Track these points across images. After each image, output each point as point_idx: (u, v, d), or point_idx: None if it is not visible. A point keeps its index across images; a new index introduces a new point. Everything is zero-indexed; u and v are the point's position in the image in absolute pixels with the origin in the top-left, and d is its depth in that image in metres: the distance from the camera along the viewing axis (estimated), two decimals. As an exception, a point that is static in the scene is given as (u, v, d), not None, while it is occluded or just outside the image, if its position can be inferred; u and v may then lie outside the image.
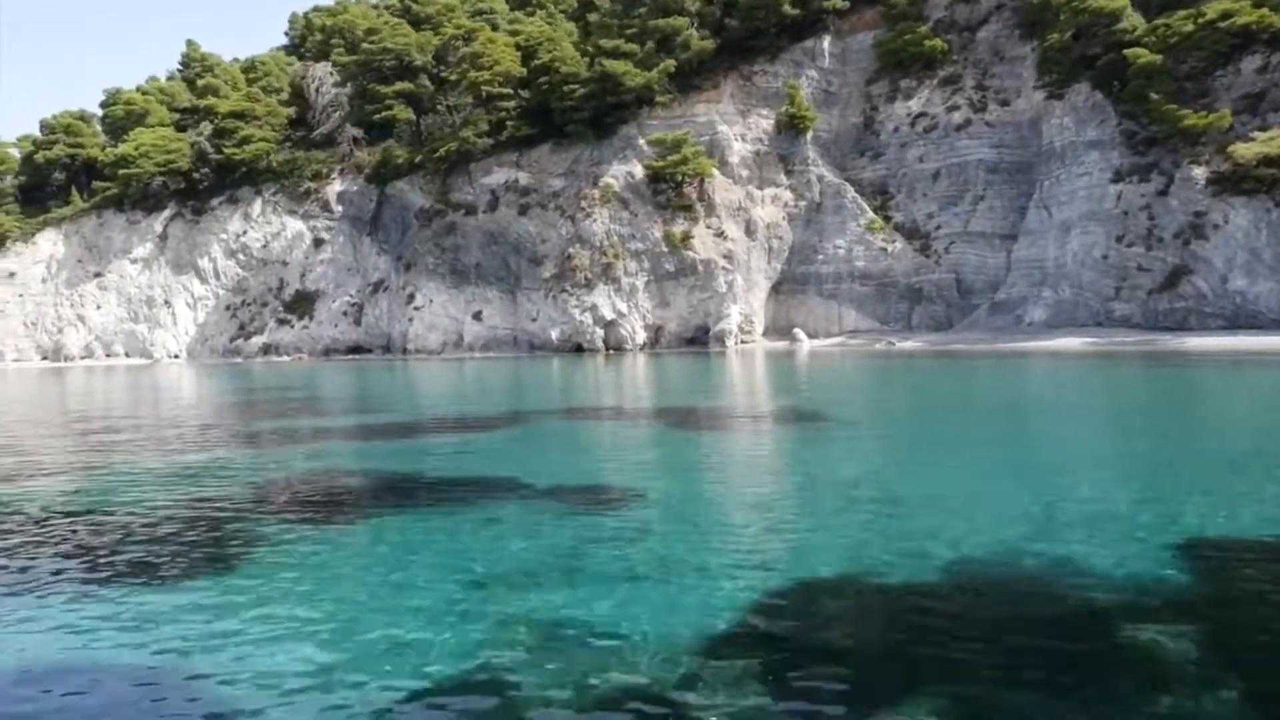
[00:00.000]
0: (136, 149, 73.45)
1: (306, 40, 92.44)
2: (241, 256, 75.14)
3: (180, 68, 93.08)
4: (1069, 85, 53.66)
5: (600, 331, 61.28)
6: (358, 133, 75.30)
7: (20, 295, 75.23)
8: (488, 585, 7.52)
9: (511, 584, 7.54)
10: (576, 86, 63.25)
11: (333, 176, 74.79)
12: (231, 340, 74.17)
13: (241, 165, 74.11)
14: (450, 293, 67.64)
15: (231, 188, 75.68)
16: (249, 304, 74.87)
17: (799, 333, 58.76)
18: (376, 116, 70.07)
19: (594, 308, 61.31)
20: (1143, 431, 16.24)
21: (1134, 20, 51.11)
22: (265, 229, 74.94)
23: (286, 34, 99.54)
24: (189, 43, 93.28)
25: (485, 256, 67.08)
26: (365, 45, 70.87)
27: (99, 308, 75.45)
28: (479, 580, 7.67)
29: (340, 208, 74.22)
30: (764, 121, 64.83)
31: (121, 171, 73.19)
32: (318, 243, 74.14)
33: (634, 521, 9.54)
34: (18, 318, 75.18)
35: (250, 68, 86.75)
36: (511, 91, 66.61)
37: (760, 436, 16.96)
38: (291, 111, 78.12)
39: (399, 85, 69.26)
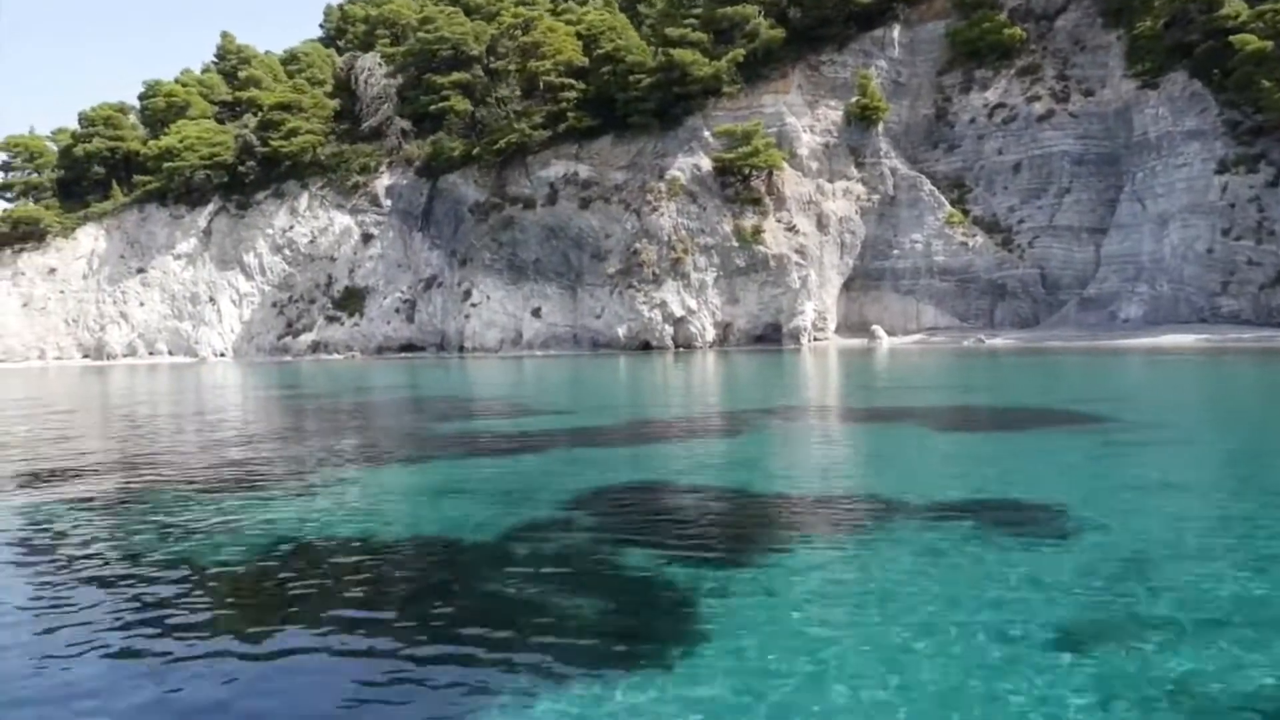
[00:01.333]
0: (181, 141, 71.60)
1: (344, 32, 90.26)
2: (288, 252, 73.29)
3: (215, 60, 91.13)
4: (1164, 74, 51.90)
5: (669, 329, 59.53)
6: (406, 125, 73.45)
7: (61, 292, 73.37)
8: (1036, 637, 5.82)
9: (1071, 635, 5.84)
10: (642, 76, 61.44)
11: (381, 170, 72.96)
12: (279, 338, 72.33)
13: (287, 158, 72.22)
14: (508, 289, 65.82)
15: (276, 181, 73.80)
16: (296, 301, 73.02)
17: (878, 330, 56.98)
18: (432, 107, 68.15)
19: (663, 304, 59.53)
20: None
21: (1236, 6, 49.31)
22: (312, 224, 73.09)
23: (321, 26, 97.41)
24: (224, 34, 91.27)
25: (544, 251, 65.26)
26: (420, 34, 69.02)
27: (142, 304, 73.59)
28: (1024, 631, 5.96)
29: (389, 202, 72.39)
30: (832, 113, 63.05)
31: (166, 165, 71.31)
32: (366, 238, 72.30)
33: (1105, 546, 7.82)
34: (59, 315, 73.32)
35: (290, 59, 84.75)
36: (572, 82, 64.63)
37: (1079, 440, 15.14)
38: (335, 104, 76.19)
39: (455, 75, 67.39)
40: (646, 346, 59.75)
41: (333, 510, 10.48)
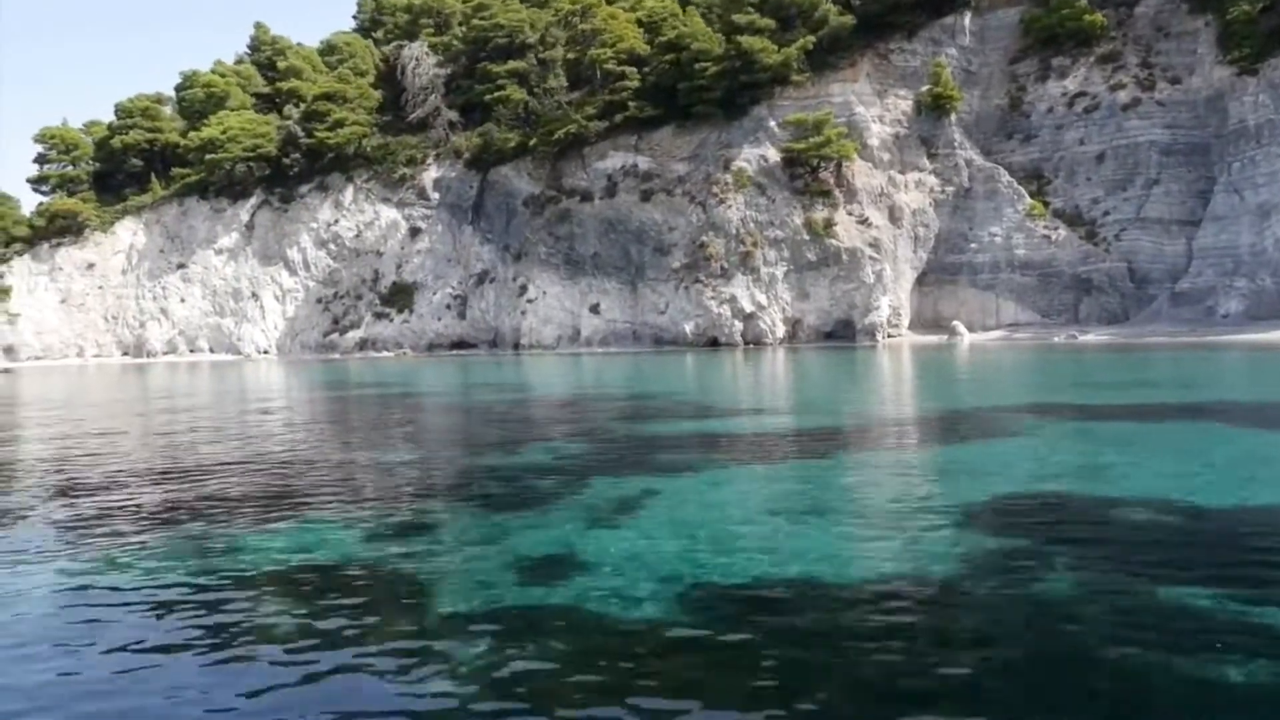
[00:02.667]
0: (224, 132, 69.59)
1: (379, 24, 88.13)
2: (333, 246, 71.34)
3: (249, 51, 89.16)
4: (1263, 60, 49.94)
5: (739, 325, 57.59)
6: (453, 116, 71.52)
7: (100, 288, 71.39)
8: None
9: None
10: (708, 64, 59.46)
11: (428, 162, 71.03)
12: (325, 335, 70.36)
13: (331, 150, 70.24)
14: (564, 284, 63.87)
15: (320, 174, 71.84)
16: (341, 296, 71.05)
17: (958, 326, 55.02)
18: (487, 97, 66.17)
19: (732, 299, 57.60)
20: None
21: (1343, -12, 47.40)
22: (358, 218, 71.14)
23: (355, 17, 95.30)
24: (258, 25, 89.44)
25: (603, 246, 63.30)
26: (475, 21, 67.03)
27: (183, 301, 71.62)
28: None
29: (437, 195, 70.47)
30: (902, 102, 61.13)
31: (208, 157, 69.31)
32: (414, 232, 70.36)
33: None
34: (98, 311, 71.35)
35: (328, 50, 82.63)
36: (633, 70, 62.70)
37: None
38: (379, 95, 74.22)
39: (511, 64, 65.42)
40: (714, 343, 57.81)
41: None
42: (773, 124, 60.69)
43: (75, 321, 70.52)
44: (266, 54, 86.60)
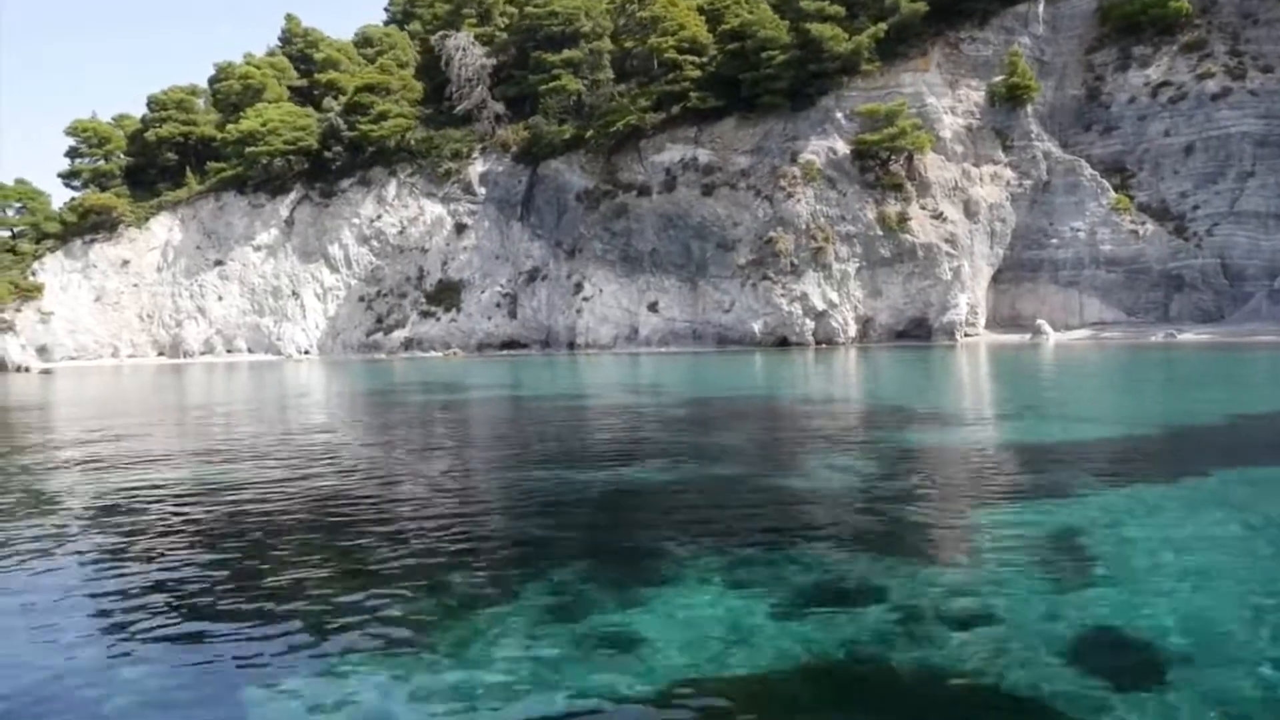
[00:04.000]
0: (264, 125, 67.20)
1: (413, 14, 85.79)
2: (375, 243, 68.97)
3: (280, 44, 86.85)
4: (1369, 46, 47.72)
5: (810, 323, 55.31)
6: (500, 108, 69.19)
7: (135, 285, 69.00)
8: None
9: None
10: (775, 53, 57.16)
11: (474, 156, 68.70)
12: (368, 334, 67.99)
13: (373, 144, 67.89)
14: (621, 282, 61.56)
15: (362, 168, 69.49)
16: (385, 295, 68.68)
17: (1043, 324, 52.69)
18: (542, 88, 63.79)
19: (803, 297, 55.32)
20: None
21: None
22: (401, 213, 68.79)
23: (386, 9, 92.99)
24: (289, 17, 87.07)
25: (661, 241, 61.00)
26: (529, 9, 64.71)
27: (220, 299, 69.24)
28: None
29: (484, 190, 68.15)
30: (974, 93, 58.89)
31: (248, 150, 66.92)
32: (460, 228, 68.03)
33: None
34: (132, 310, 68.95)
35: (363, 42, 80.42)
36: (696, 59, 60.42)
37: None
38: (421, 86, 71.86)
39: (567, 53, 63.08)
40: (784, 343, 55.53)
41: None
42: (839, 115, 58.44)
43: (110, 320, 68.13)
44: (299, 46, 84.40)
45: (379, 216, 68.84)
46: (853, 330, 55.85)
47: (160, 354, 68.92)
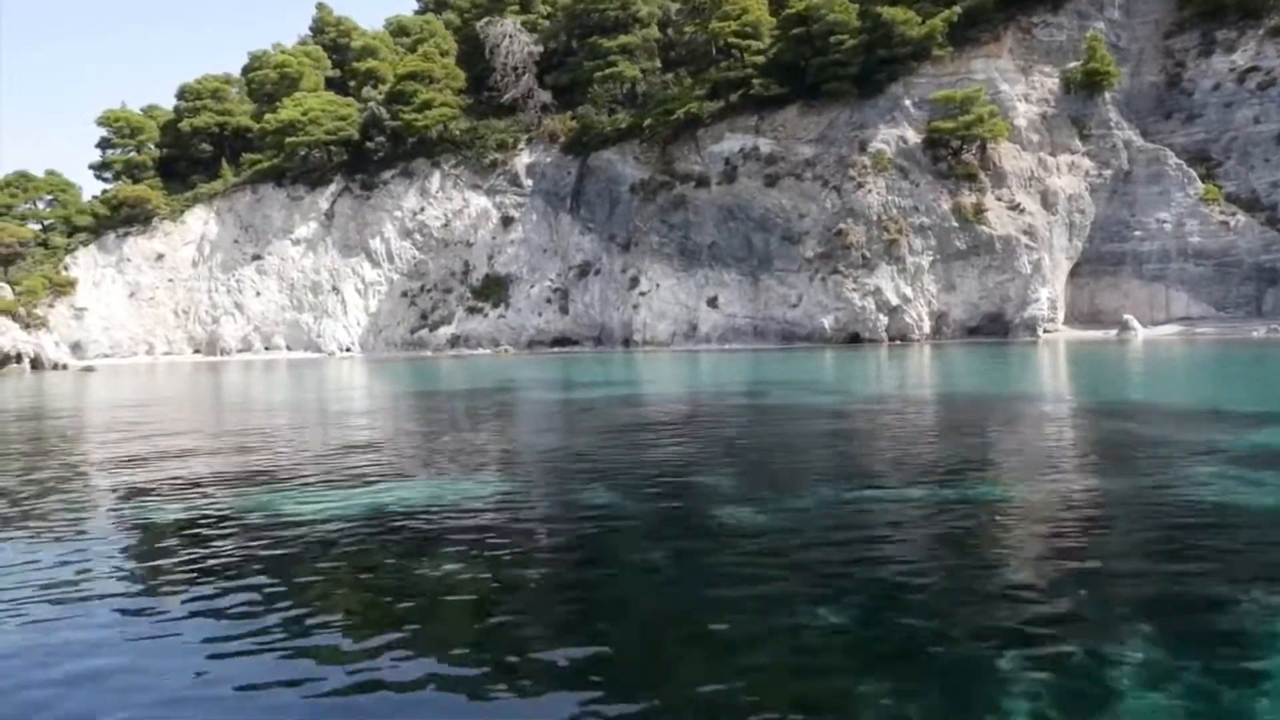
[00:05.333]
0: (304, 114, 64.95)
1: (445, 3, 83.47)
2: (418, 236, 66.75)
3: (311, 33, 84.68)
4: None
5: (884, 319, 53.08)
6: (547, 97, 66.97)
7: (170, 280, 66.77)
8: None
9: None
10: (844, 38, 54.93)
11: (520, 146, 66.48)
12: (412, 331, 65.77)
13: (416, 134, 65.64)
14: (679, 276, 59.34)
15: (404, 159, 67.26)
16: (429, 290, 66.46)
17: (1131, 320, 50.46)
18: (598, 74, 61.54)
19: (877, 291, 53.10)
20: None
21: None
22: (445, 205, 66.58)
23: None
24: (320, 6, 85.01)
25: (721, 234, 58.78)
26: (583, -7, 62.57)
27: (258, 294, 67.00)
28: None
29: (530, 181, 65.94)
30: (1048, 80, 56.66)
31: (288, 140, 64.66)
32: (506, 221, 65.80)
33: None
34: (168, 305, 66.71)
35: (399, 30, 78.20)
36: (759, 45, 58.23)
37: None
38: (464, 75, 69.61)
39: (623, 39, 60.85)
40: (855, 339, 53.31)
41: None
42: (908, 103, 56.22)
43: (145, 317, 65.89)
44: (331, 36, 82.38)
45: (422, 209, 66.63)
46: (927, 326, 53.66)
47: (196, 351, 66.69)
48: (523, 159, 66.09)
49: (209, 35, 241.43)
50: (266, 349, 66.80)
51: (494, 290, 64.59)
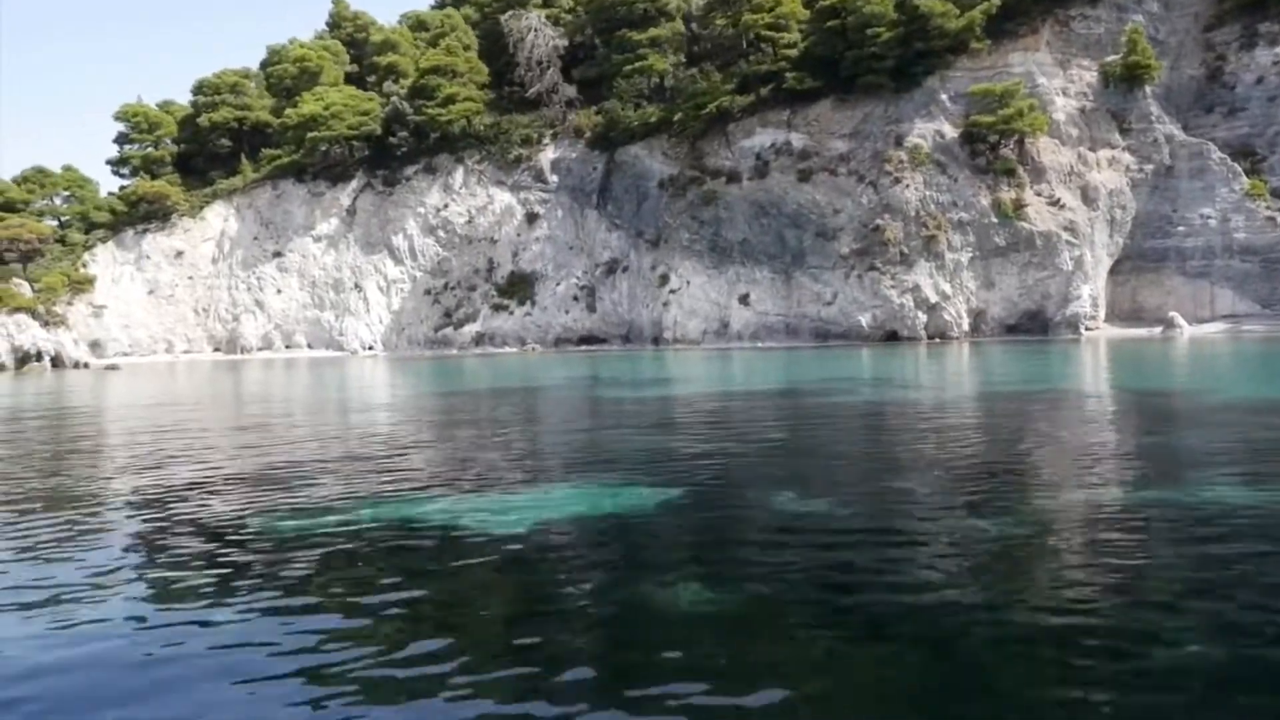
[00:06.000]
0: (326, 109, 63.91)
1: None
2: (442, 233, 65.75)
3: (328, 28, 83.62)
4: None
5: (923, 316, 52.13)
6: (572, 92, 65.98)
7: (189, 278, 65.70)
8: None
9: None
10: (881, 30, 53.96)
11: (545, 142, 65.47)
12: (436, 329, 64.76)
13: (439, 129, 64.61)
14: (710, 273, 58.35)
15: (427, 155, 66.24)
16: (452, 288, 65.44)
17: (1177, 317, 49.55)
18: (628, 68, 60.56)
19: (915, 288, 52.14)
20: None
21: None
22: (469, 202, 65.57)
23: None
24: (336, 1, 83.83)
25: (753, 231, 57.81)
26: (610, -15, 61.57)
27: (279, 292, 65.96)
28: None
29: (555, 177, 64.96)
30: (1086, 74, 55.76)
31: (310, 135, 63.62)
32: (531, 217, 64.81)
33: None
34: (187, 303, 65.66)
35: (418, 25, 77.10)
36: (791, 38, 57.27)
37: None
38: (484, 69, 68.58)
39: (653, 31, 59.84)
40: (893, 337, 52.34)
41: None
42: (944, 97, 55.29)
43: (164, 315, 64.82)
44: (348, 31, 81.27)
45: (445, 205, 65.64)
46: (965, 324, 52.71)
47: (216, 350, 65.65)
48: (547, 154, 65.10)
49: (222, 32, 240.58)
50: (287, 347, 65.77)
51: (519, 288, 63.60)
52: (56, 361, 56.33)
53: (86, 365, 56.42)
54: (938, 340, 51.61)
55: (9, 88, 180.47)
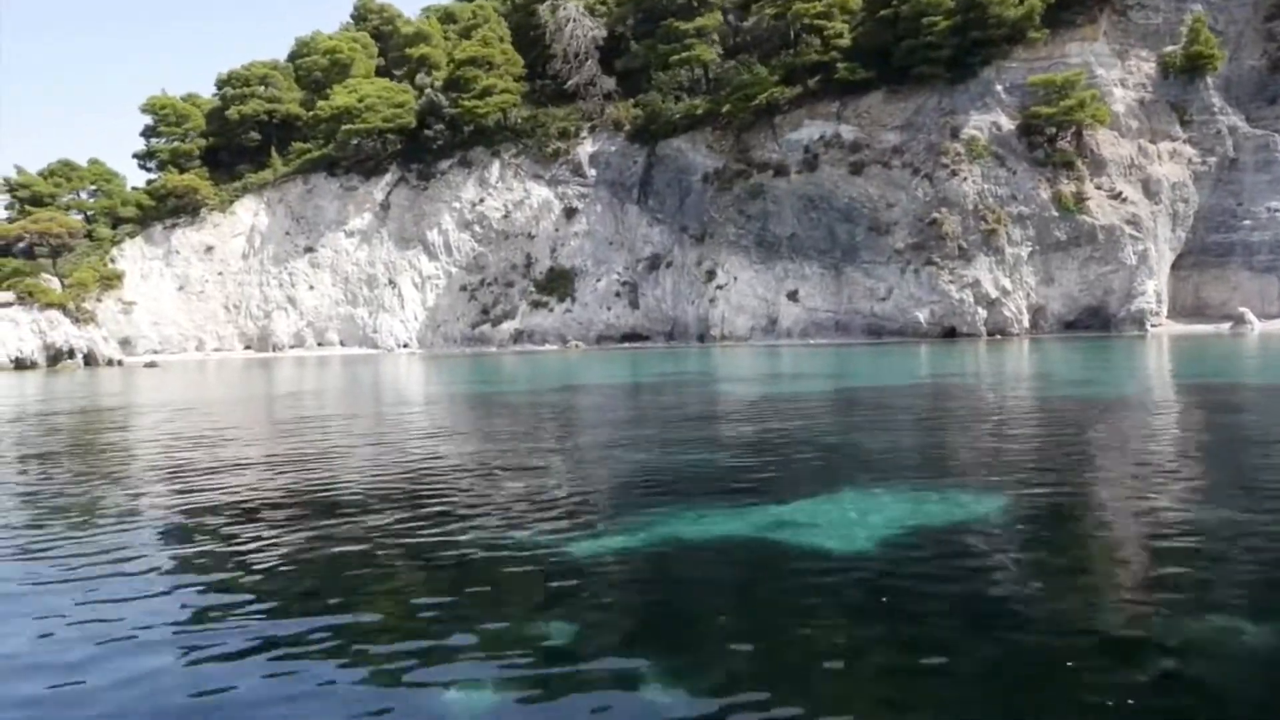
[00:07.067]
0: (360, 101, 62.44)
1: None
2: (478, 228, 64.32)
3: (353, 20, 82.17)
4: None
5: (983, 312, 50.81)
6: (611, 84, 64.57)
7: (220, 274, 64.21)
8: None
9: None
10: (937, 19, 52.65)
11: (583, 135, 64.06)
12: (473, 326, 63.31)
13: (475, 121, 63.20)
14: (757, 269, 56.99)
15: (461, 148, 64.82)
16: (489, 284, 64.01)
17: (1247, 313, 48.26)
18: (673, 58, 59.20)
19: (975, 284, 50.80)
20: None
21: None
22: (505, 196, 64.15)
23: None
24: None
25: (802, 225, 56.43)
26: (657, -28, 60.19)
27: (311, 288, 64.48)
28: None
29: (594, 171, 63.54)
30: (1144, 64, 54.49)
31: (344, 127, 62.15)
32: (570, 212, 63.40)
33: None
34: (217, 300, 64.17)
35: (447, 17, 75.66)
36: (842, 28, 55.96)
37: None
38: (520, 61, 67.13)
39: (699, 21, 58.46)
40: (951, 333, 51.02)
41: None
42: (999, 88, 54.02)
43: (195, 311, 63.33)
44: (374, 23, 79.75)
45: (481, 200, 64.21)
46: (1025, 320, 51.40)
47: (247, 347, 64.18)
48: (585, 148, 63.70)
49: (242, 26, 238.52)
50: (319, 345, 64.33)
51: (559, 284, 62.18)
52: (89, 359, 54.83)
53: (120, 363, 54.93)
54: (998, 337, 50.28)
55: (27, 82, 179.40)
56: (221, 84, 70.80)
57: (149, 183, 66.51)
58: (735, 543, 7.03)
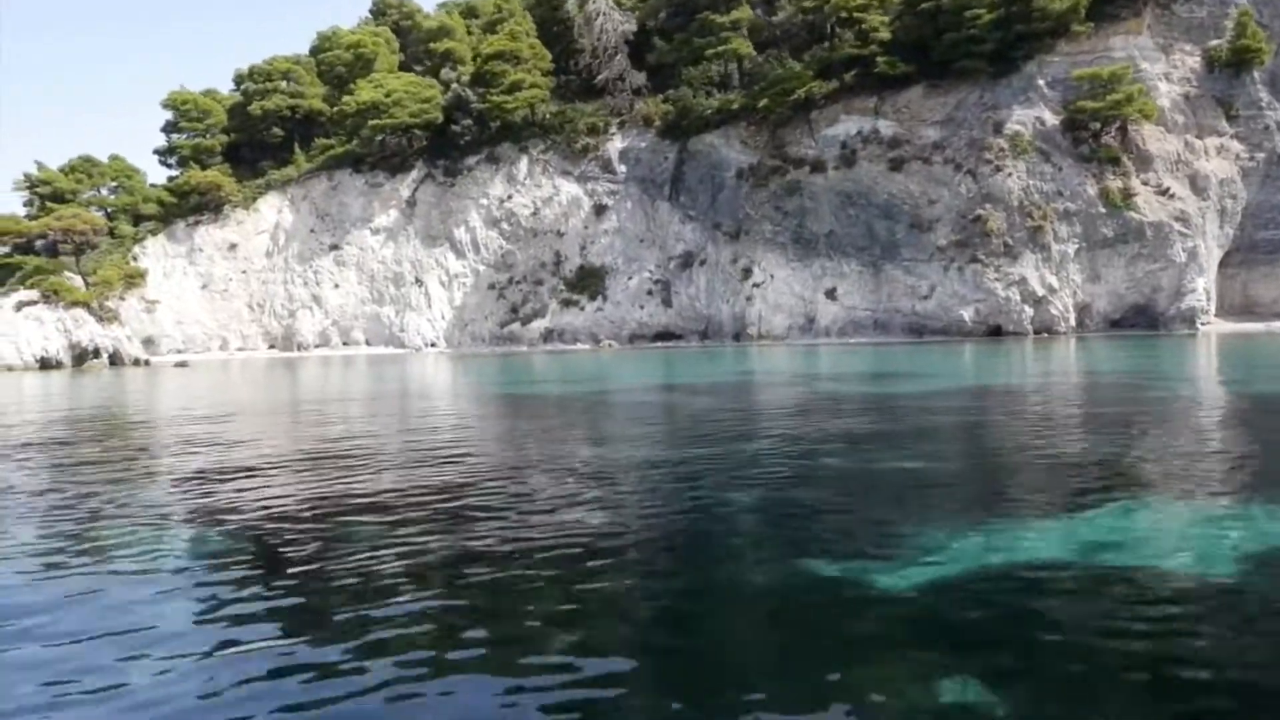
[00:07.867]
0: (387, 95, 61.39)
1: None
2: (506, 226, 63.32)
3: (371, 15, 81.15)
4: None
5: (1029, 310, 49.91)
6: (641, 79, 63.58)
7: (243, 272, 63.18)
8: None
9: None
10: (980, 12, 51.73)
11: (613, 131, 63.08)
12: (502, 325, 62.32)
13: (502, 117, 62.19)
14: (794, 267, 56.08)
15: (489, 144, 63.81)
16: (518, 282, 63.02)
17: (1302, 312, 47.52)
18: (709, 52, 58.25)
19: (1022, 281, 49.91)
20: None
21: None
22: (534, 193, 63.16)
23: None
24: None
25: (839, 222, 55.52)
26: (689, -34, 59.22)
27: (336, 286, 63.44)
28: None
29: (624, 168, 62.57)
30: (1189, 58, 53.68)
31: (371, 123, 61.11)
32: (599, 209, 62.43)
33: None
34: (241, 298, 63.13)
35: (469, 11, 74.66)
36: (882, 20, 55.05)
37: None
38: (548, 55, 66.12)
39: (735, 14, 57.49)
40: (997, 332, 50.12)
41: None
42: (1041, 82, 53.13)
43: (218, 310, 62.29)
44: (393, 18, 78.73)
45: (509, 197, 63.22)
46: (1072, 318, 50.51)
47: (271, 347, 63.15)
48: (615, 144, 62.72)
49: (258, 22, 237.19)
50: (345, 344, 63.31)
51: (589, 282, 61.21)
52: (114, 359, 53.77)
53: (148, 362, 53.89)
54: (1044, 335, 49.40)
55: (44, 80, 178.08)
56: (241, 79, 69.76)
57: (171, 179, 65.49)
58: (1058, 564, 6.08)
